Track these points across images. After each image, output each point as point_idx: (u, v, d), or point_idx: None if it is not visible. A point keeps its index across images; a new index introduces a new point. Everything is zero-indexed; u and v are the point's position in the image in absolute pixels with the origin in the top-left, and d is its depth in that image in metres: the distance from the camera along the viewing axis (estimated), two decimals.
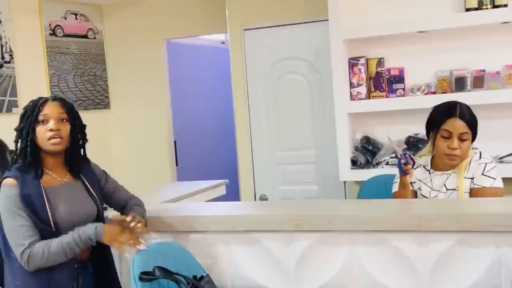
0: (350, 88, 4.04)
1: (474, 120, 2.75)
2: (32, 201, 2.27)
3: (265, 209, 2.85)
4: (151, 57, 5.38)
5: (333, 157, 4.16)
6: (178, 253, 2.47)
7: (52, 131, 2.33)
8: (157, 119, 5.42)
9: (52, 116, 2.34)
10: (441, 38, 3.94)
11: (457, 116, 2.71)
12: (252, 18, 4.58)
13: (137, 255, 2.28)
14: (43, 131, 2.33)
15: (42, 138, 2.33)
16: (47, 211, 2.27)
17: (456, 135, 2.71)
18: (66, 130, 2.38)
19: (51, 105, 2.37)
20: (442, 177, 2.81)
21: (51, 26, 4.96)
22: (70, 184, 2.42)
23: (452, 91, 3.86)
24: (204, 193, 3.79)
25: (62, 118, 2.37)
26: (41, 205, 2.27)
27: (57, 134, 2.33)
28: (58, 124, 2.35)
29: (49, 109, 2.35)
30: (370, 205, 2.70)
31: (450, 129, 2.71)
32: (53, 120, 2.34)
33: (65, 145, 2.39)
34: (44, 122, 2.34)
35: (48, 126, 2.33)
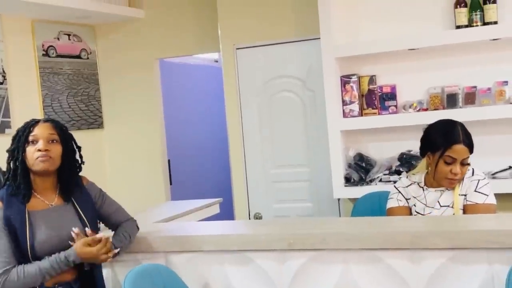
0: (342, 106, 4.06)
1: (472, 141, 2.76)
2: (14, 225, 2.26)
3: (258, 228, 2.84)
4: (144, 77, 5.39)
5: (326, 175, 4.16)
6: (167, 275, 2.46)
7: (40, 152, 2.31)
8: (151, 138, 5.42)
9: (42, 137, 2.34)
10: (432, 55, 3.97)
11: (461, 142, 2.70)
12: (245, 37, 4.61)
13: (128, 277, 2.26)
14: (32, 151, 2.32)
15: (31, 158, 2.32)
16: (26, 237, 2.26)
17: (459, 160, 2.72)
18: (57, 151, 2.36)
19: (42, 126, 2.37)
20: (435, 193, 2.81)
21: (44, 47, 4.97)
22: (58, 208, 2.39)
23: (444, 107, 3.89)
24: (198, 212, 3.78)
25: (52, 139, 2.36)
26: (21, 231, 2.26)
27: (45, 154, 2.32)
28: (47, 144, 2.34)
29: (40, 130, 2.35)
30: (362, 223, 2.70)
31: (455, 156, 2.70)
32: (42, 140, 2.33)
33: (54, 166, 2.37)
34: (34, 143, 2.33)
35: (37, 146, 2.32)
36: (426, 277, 2.30)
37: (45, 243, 2.29)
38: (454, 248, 2.26)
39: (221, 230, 2.82)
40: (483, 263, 2.24)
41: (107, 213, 2.54)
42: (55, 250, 2.31)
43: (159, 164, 5.42)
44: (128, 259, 2.60)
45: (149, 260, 2.61)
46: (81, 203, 2.44)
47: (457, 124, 2.79)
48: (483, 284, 2.24)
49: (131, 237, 2.53)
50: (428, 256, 2.29)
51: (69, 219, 2.39)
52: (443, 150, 2.72)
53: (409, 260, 2.31)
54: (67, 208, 2.41)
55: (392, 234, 2.36)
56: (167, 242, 2.63)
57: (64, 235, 2.33)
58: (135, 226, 2.59)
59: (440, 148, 2.73)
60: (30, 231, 2.27)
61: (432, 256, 2.29)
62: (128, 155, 5.47)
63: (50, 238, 2.30)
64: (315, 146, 4.45)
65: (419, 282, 2.31)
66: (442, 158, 2.73)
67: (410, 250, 2.31)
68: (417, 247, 2.29)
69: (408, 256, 2.31)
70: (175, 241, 2.63)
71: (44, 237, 2.29)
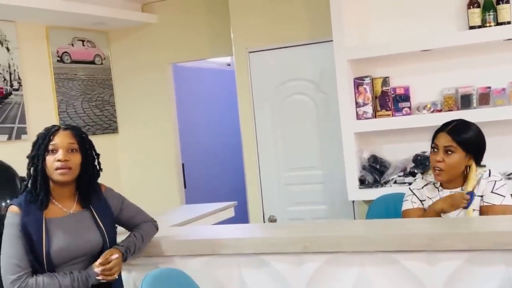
0: (356, 108, 4.05)
1: (469, 139, 2.75)
2: (30, 231, 2.27)
3: (273, 231, 2.85)
4: (157, 81, 5.43)
5: (340, 177, 4.16)
6: (182, 279, 2.47)
7: (59, 162, 2.32)
8: (165, 142, 5.44)
9: (61, 146, 2.34)
10: (446, 56, 3.95)
11: (445, 131, 2.78)
12: (257, 41, 4.62)
13: (144, 281, 2.28)
14: (52, 160, 2.33)
15: (50, 167, 2.33)
16: (42, 244, 2.27)
17: (442, 148, 2.74)
18: (76, 160, 2.37)
19: (62, 134, 2.37)
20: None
21: (59, 53, 5.01)
22: (76, 215, 2.40)
23: (458, 108, 3.87)
24: (212, 216, 3.79)
25: (72, 148, 2.36)
26: (38, 237, 2.27)
27: (64, 165, 2.32)
28: (67, 154, 2.34)
29: (59, 138, 2.35)
30: (378, 225, 2.70)
31: (437, 142, 2.79)
32: (62, 150, 2.33)
33: (73, 176, 2.38)
34: (54, 152, 2.34)
35: (56, 156, 2.33)
36: (442, 279, 2.29)
37: (62, 251, 2.30)
38: (471, 250, 2.25)
39: (237, 233, 2.82)
40: (500, 264, 2.23)
41: (127, 217, 2.55)
42: (71, 258, 2.32)
43: (174, 167, 5.44)
44: (145, 263, 2.61)
45: (166, 264, 2.63)
46: (98, 209, 2.44)
47: (458, 121, 2.84)
48: (500, 285, 2.23)
49: (143, 237, 2.52)
50: (445, 258, 2.29)
51: (87, 226, 2.39)
52: (432, 140, 2.81)
53: (426, 262, 2.31)
54: (85, 215, 2.42)
55: (409, 236, 2.36)
56: (183, 246, 2.65)
57: (81, 242, 2.34)
58: (153, 226, 2.60)
59: (432, 139, 2.82)
60: (46, 238, 2.28)
61: (448, 258, 2.28)
62: (142, 159, 5.50)
63: (67, 246, 2.31)
64: (329, 149, 4.45)
65: (435, 284, 2.30)
66: (431, 148, 2.81)
67: (426, 252, 2.30)
68: (434, 249, 2.29)
69: (424, 258, 2.31)
70: (191, 245, 2.65)
71: (61, 244, 2.30)
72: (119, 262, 2.35)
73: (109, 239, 2.42)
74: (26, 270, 2.25)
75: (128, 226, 2.59)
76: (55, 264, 2.29)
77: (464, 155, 2.74)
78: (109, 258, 2.33)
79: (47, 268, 2.28)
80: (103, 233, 2.40)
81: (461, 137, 2.74)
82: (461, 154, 2.73)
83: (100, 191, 2.50)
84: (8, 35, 4.53)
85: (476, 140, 2.78)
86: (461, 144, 2.73)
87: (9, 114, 4.49)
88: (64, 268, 2.31)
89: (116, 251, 2.38)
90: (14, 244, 2.26)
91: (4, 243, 2.29)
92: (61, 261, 2.30)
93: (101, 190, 2.52)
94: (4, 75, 4.49)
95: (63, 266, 2.31)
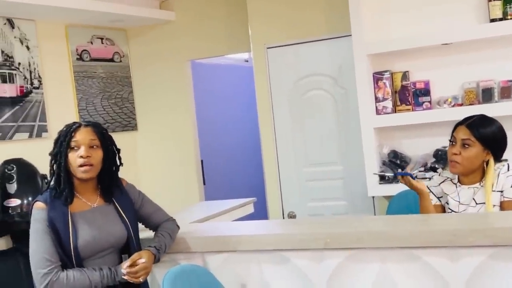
0: (375, 103, 4.03)
1: (488, 134, 2.72)
2: (57, 226, 2.31)
3: (293, 227, 2.84)
4: (176, 78, 5.44)
5: (360, 172, 4.13)
6: (204, 275, 2.48)
7: (82, 158, 2.36)
8: (183, 139, 5.46)
9: (83, 143, 2.37)
10: (466, 49, 3.91)
11: (464, 125, 2.76)
12: (275, 36, 4.61)
13: (166, 278, 2.29)
14: (74, 157, 2.36)
15: (73, 164, 2.37)
16: (69, 238, 2.30)
17: (459, 141, 2.72)
18: (98, 156, 2.40)
19: (83, 131, 2.40)
20: (469, 190, 2.78)
21: (78, 51, 5.05)
22: (100, 208, 2.45)
23: (479, 102, 3.83)
24: (232, 212, 3.79)
25: (93, 144, 2.40)
26: (64, 232, 2.31)
27: (87, 161, 2.36)
28: (89, 150, 2.37)
29: (81, 135, 2.38)
30: (399, 220, 2.68)
31: (455, 135, 2.78)
32: (84, 147, 2.37)
33: (96, 172, 2.42)
34: (76, 149, 2.37)
35: (79, 152, 2.36)
36: (465, 275, 2.27)
37: (89, 243, 2.34)
38: (494, 246, 2.22)
39: (257, 230, 2.83)
40: None
41: (147, 214, 2.58)
42: (98, 250, 2.36)
43: (193, 164, 5.45)
44: (166, 259, 2.62)
45: (187, 260, 2.64)
46: (121, 203, 2.49)
47: (480, 116, 2.81)
48: None
49: (171, 235, 2.56)
50: (468, 253, 2.26)
51: (111, 218, 2.44)
52: (451, 133, 2.81)
53: (448, 258, 2.29)
54: (109, 208, 2.46)
55: (431, 232, 2.34)
56: (204, 242, 2.65)
57: (106, 235, 2.38)
58: (175, 225, 2.63)
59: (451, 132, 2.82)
60: (73, 232, 2.32)
61: (471, 253, 2.26)
62: (161, 156, 5.53)
63: (93, 238, 2.35)
64: (348, 144, 4.43)
65: (458, 280, 2.28)
66: (449, 141, 2.81)
67: (449, 248, 2.28)
68: (456, 245, 2.26)
69: (447, 254, 2.28)
70: (211, 241, 2.65)
71: (88, 237, 2.34)
72: (146, 266, 2.36)
73: (133, 231, 2.46)
74: (56, 264, 2.29)
75: (147, 222, 2.62)
76: (83, 257, 2.33)
77: (482, 149, 2.71)
78: (136, 261, 2.35)
79: (75, 261, 2.31)
80: (127, 225, 2.45)
81: (480, 131, 2.71)
82: (478, 148, 2.71)
83: (121, 185, 2.55)
84: (28, 33, 4.57)
85: (495, 135, 2.74)
86: (479, 139, 2.70)
87: (29, 112, 4.53)
88: (92, 261, 2.35)
89: (146, 254, 2.40)
90: (42, 239, 2.30)
91: (32, 239, 2.33)
92: (88, 254, 2.34)
93: (122, 184, 2.56)
94: (25, 74, 4.53)
95: (90, 259, 2.35)
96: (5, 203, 3.85)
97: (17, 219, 3.86)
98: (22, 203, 3.86)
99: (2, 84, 4.35)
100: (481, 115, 2.82)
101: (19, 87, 4.48)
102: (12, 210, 3.85)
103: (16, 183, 3.88)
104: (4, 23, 4.39)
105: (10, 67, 4.42)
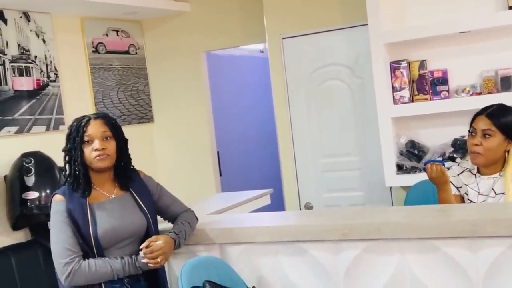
0: (392, 92, 3.99)
1: (509, 123, 2.69)
2: (76, 217, 2.34)
3: (311, 218, 2.83)
4: (191, 69, 5.43)
5: (377, 163, 4.11)
6: (221, 266, 2.49)
7: (97, 151, 2.39)
8: (200, 130, 5.46)
9: (96, 136, 2.40)
10: (485, 37, 3.86)
11: (484, 115, 2.73)
12: (291, 27, 4.58)
13: (183, 269, 2.29)
14: (89, 151, 2.39)
15: (89, 157, 2.40)
16: (89, 229, 2.33)
17: (479, 131, 2.69)
18: (112, 147, 2.43)
19: (94, 124, 2.42)
20: (488, 181, 2.75)
21: (94, 44, 5.06)
22: (119, 198, 2.47)
23: (498, 91, 3.77)
24: (249, 203, 3.79)
25: (106, 136, 2.43)
26: (84, 222, 2.33)
27: (103, 153, 2.39)
28: (103, 143, 2.40)
29: (93, 129, 2.41)
30: (418, 211, 2.65)
31: (475, 126, 2.74)
32: (97, 140, 2.40)
33: (112, 161, 2.45)
34: (90, 142, 2.40)
35: (93, 146, 2.39)
36: (485, 265, 2.25)
37: (108, 233, 2.36)
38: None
39: (274, 221, 2.82)
40: None
41: (165, 205, 2.60)
42: (118, 240, 2.39)
43: (209, 155, 5.45)
44: (183, 251, 2.63)
45: (204, 252, 2.64)
46: (139, 193, 2.51)
47: (498, 104, 2.78)
48: None
49: (190, 225, 2.57)
50: (487, 244, 2.24)
51: (130, 208, 2.46)
52: (470, 124, 2.77)
53: (468, 249, 2.26)
54: (127, 198, 2.49)
55: (450, 222, 2.32)
56: (221, 234, 2.65)
57: (126, 224, 2.40)
58: (193, 216, 2.64)
59: (470, 123, 2.78)
60: (92, 222, 2.35)
61: (491, 244, 2.23)
62: (178, 148, 5.53)
63: (113, 228, 2.37)
64: (365, 134, 4.40)
65: (478, 270, 2.26)
66: (469, 132, 2.77)
67: (468, 238, 2.26)
68: (476, 235, 2.24)
69: (466, 245, 2.26)
70: (229, 232, 2.65)
71: (107, 227, 2.36)
72: (162, 247, 2.37)
73: (152, 221, 2.48)
74: (77, 254, 2.32)
75: (165, 214, 2.63)
76: (104, 246, 2.36)
77: (503, 139, 2.68)
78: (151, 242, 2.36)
79: (96, 251, 2.35)
80: (147, 214, 2.47)
81: (500, 120, 2.68)
82: (499, 138, 2.67)
83: (138, 176, 2.57)
84: (44, 27, 4.59)
85: None
86: (500, 128, 2.67)
87: (46, 105, 4.55)
88: (113, 251, 2.38)
89: (164, 237, 2.41)
90: (62, 230, 2.33)
91: (53, 231, 2.37)
92: (109, 243, 2.37)
93: (140, 175, 2.58)
94: (41, 67, 4.55)
95: (111, 249, 2.38)
96: (24, 195, 3.89)
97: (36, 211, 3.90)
98: (40, 195, 3.90)
99: (19, 77, 4.37)
100: (500, 104, 2.79)
101: (36, 80, 4.51)
102: (31, 203, 3.88)
103: (34, 176, 3.91)
104: (20, 17, 4.41)
105: (27, 61, 4.44)
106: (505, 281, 2.23)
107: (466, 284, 2.28)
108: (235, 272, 2.50)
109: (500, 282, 2.24)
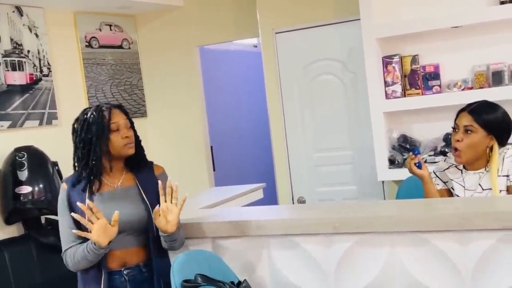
0: (385, 87, 4.01)
1: (491, 120, 2.71)
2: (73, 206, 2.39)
3: (303, 212, 2.85)
4: (185, 64, 5.43)
5: (370, 157, 4.13)
6: (213, 260, 2.50)
7: (127, 138, 2.45)
8: (193, 125, 5.46)
9: (122, 124, 2.46)
10: (476, 32, 3.88)
11: (466, 111, 2.75)
12: (284, 21, 4.59)
13: (175, 263, 2.30)
14: (118, 139, 2.43)
15: (117, 145, 2.43)
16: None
17: (461, 127, 2.71)
18: (133, 135, 2.51)
19: (117, 113, 2.47)
20: (474, 176, 2.78)
21: (87, 38, 5.05)
22: (122, 189, 2.48)
23: (490, 85, 3.80)
24: (242, 198, 3.80)
25: (128, 124, 2.49)
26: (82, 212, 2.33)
27: (131, 140, 2.47)
28: (128, 131, 2.47)
29: (118, 117, 2.46)
30: (409, 205, 2.67)
31: (457, 122, 2.77)
32: (125, 128, 2.46)
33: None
34: (117, 131, 2.44)
35: (122, 134, 2.44)
36: (475, 258, 2.27)
37: None
38: (503, 229, 2.22)
39: (266, 215, 2.83)
40: None
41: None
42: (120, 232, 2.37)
43: (202, 150, 5.46)
44: None
45: (197, 245, 2.65)
46: (146, 186, 2.51)
47: (482, 102, 2.80)
48: None
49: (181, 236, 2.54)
50: (477, 237, 2.26)
51: (132, 200, 2.46)
52: (454, 120, 2.79)
53: (457, 242, 2.29)
54: (131, 189, 2.50)
55: (440, 216, 2.33)
56: (213, 227, 2.66)
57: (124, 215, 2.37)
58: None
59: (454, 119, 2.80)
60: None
61: (480, 237, 2.25)
62: (171, 143, 5.54)
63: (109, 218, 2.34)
64: (358, 129, 4.42)
65: (467, 263, 2.28)
66: (452, 128, 2.80)
67: (458, 231, 2.28)
68: (466, 228, 2.26)
69: (456, 238, 2.28)
70: (221, 226, 2.66)
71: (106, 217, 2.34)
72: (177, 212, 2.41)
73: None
74: (76, 242, 2.38)
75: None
76: None
77: (485, 135, 2.69)
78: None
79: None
80: (148, 207, 2.45)
81: (482, 117, 2.70)
82: (481, 134, 2.69)
83: (151, 169, 2.60)
84: (37, 21, 4.58)
85: (498, 121, 2.72)
86: (482, 125, 2.69)
87: (39, 99, 4.55)
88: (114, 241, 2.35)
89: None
90: (64, 217, 2.42)
91: (59, 217, 2.46)
92: None
93: (153, 169, 2.61)
94: (34, 61, 4.54)
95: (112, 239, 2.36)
96: (17, 190, 3.89)
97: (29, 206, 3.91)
98: (33, 190, 3.90)
99: (12, 72, 4.37)
100: (484, 101, 2.80)
101: (29, 75, 4.50)
102: (24, 197, 3.89)
103: (27, 171, 3.92)
104: (13, 11, 4.40)
105: (20, 55, 4.43)
106: (494, 274, 2.25)
107: (456, 276, 2.30)
108: (227, 266, 2.52)
109: (489, 275, 2.26)
